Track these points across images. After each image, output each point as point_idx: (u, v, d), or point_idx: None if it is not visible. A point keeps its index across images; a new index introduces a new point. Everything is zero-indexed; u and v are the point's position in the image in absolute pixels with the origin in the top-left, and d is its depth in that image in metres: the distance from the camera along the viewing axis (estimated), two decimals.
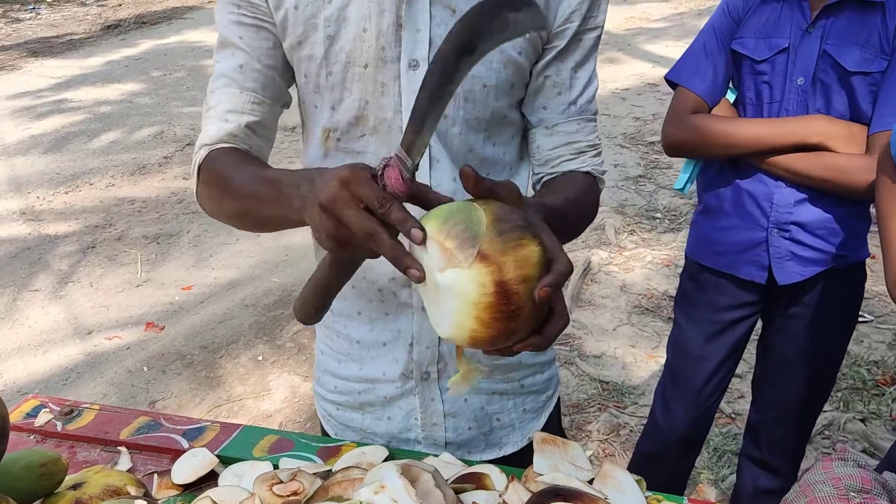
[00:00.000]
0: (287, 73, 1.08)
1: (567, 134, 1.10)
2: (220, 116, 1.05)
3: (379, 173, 0.77)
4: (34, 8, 11.05)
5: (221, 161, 1.03)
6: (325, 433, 1.30)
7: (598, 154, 1.13)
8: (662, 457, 2.01)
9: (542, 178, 1.14)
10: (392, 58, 0.99)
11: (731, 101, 1.76)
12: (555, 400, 1.30)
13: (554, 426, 1.29)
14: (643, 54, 7.65)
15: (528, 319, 0.74)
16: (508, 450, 1.23)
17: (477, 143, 1.07)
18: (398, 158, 0.76)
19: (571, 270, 0.76)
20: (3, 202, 4.87)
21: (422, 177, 1.04)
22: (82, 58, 8.45)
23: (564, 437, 1.33)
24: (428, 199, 0.80)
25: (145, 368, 3.23)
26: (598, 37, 1.08)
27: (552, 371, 1.28)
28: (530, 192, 1.21)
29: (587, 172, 1.11)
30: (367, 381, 1.19)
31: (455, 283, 0.72)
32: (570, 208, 1.00)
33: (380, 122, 1.03)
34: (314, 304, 0.98)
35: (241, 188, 0.98)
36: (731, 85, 1.76)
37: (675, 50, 7.24)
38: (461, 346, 0.79)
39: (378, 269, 1.10)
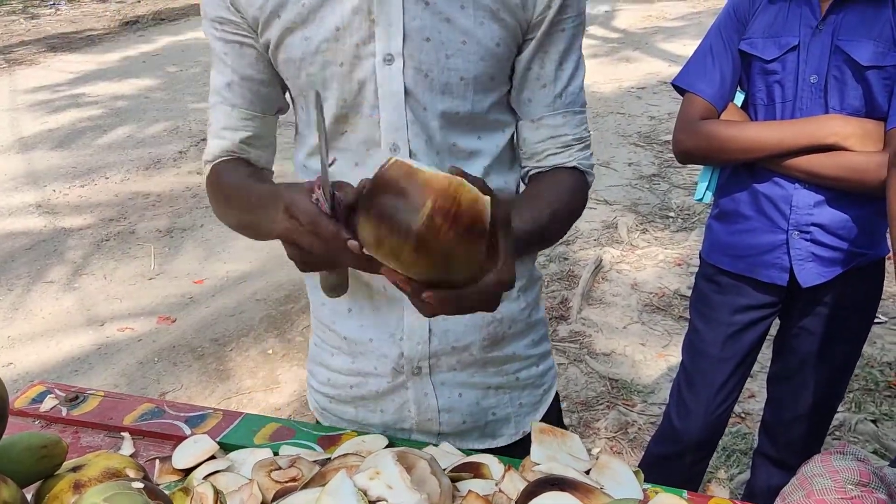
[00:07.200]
0: (277, 82, 1.11)
1: (552, 127, 1.09)
2: (217, 134, 1.12)
3: (314, 200, 0.82)
4: (54, 4, 11.14)
5: (220, 176, 1.11)
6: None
7: (586, 147, 1.12)
8: (677, 460, 1.99)
9: (529, 171, 1.14)
10: (367, 54, 0.99)
11: (739, 103, 1.73)
12: (552, 395, 1.28)
13: (553, 422, 1.26)
14: (660, 53, 7.61)
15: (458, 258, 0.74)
16: (502, 441, 1.22)
17: (460, 138, 1.06)
18: (319, 196, 0.81)
19: (511, 282, 0.78)
20: (19, 195, 4.91)
21: None
22: (100, 53, 8.52)
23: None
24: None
25: (156, 360, 3.25)
26: (581, 24, 1.07)
27: (548, 364, 1.27)
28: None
29: (574, 167, 1.10)
30: (358, 374, 1.18)
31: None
32: (549, 225, 1.03)
33: (359, 118, 1.03)
34: (327, 285, 1.03)
35: (238, 207, 1.05)
36: (739, 87, 1.74)
37: (691, 49, 7.17)
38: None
39: None
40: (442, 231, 0.71)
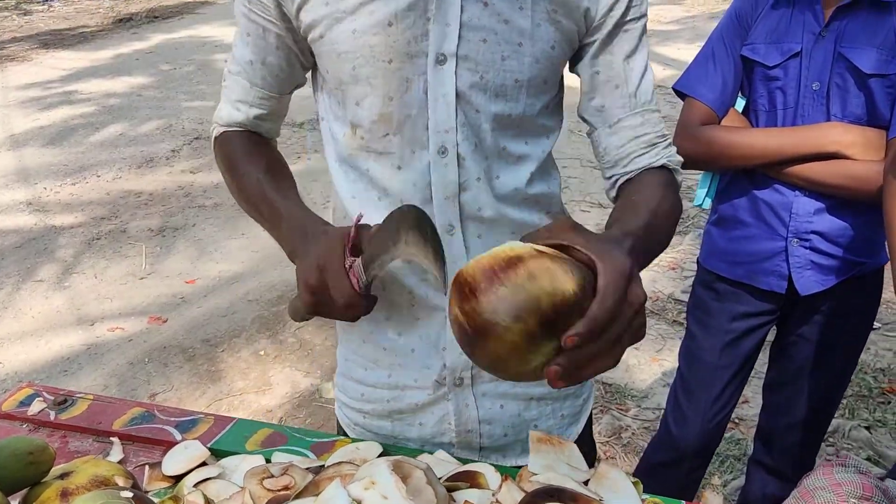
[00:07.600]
0: (297, 66, 1.10)
1: (632, 128, 1.05)
2: (233, 104, 1.13)
3: (347, 266, 0.92)
4: (47, 0, 11.08)
5: (232, 144, 1.14)
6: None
7: (670, 144, 1.08)
8: (675, 467, 1.98)
9: (617, 180, 1.08)
10: (418, 52, 0.96)
11: (740, 109, 1.72)
12: (590, 405, 1.25)
13: (587, 433, 1.24)
14: (654, 56, 7.61)
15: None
16: None
17: (510, 142, 1.04)
18: (358, 269, 0.92)
19: (611, 314, 0.69)
20: (10, 192, 4.88)
21: (450, 174, 1.01)
22: (93, 50, 8.47)
23: (594, 446, 1.31)
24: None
25: (147, 361, 3.22)
26: (645, 24, 1.05)
27: None
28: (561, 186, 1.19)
29: (663, 167, 1.06)
30: (396, 387, 1.14)
31: None
32: (657, 225, 0.96)
33: (404, 119, 1.00)
34: (300, 313, 1.10)
35: (245, 190, 1.10)
36: (739, 93, 1.72)
37: (686, 53, 7.23)
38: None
39: (409, 271, 1.07)
40: (471, 304, 0.71)
